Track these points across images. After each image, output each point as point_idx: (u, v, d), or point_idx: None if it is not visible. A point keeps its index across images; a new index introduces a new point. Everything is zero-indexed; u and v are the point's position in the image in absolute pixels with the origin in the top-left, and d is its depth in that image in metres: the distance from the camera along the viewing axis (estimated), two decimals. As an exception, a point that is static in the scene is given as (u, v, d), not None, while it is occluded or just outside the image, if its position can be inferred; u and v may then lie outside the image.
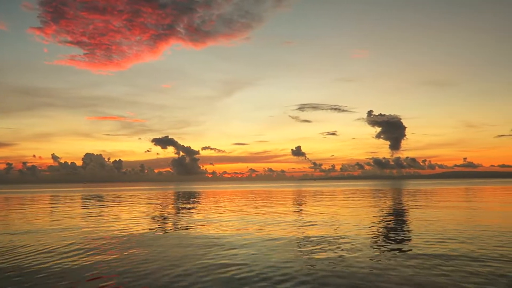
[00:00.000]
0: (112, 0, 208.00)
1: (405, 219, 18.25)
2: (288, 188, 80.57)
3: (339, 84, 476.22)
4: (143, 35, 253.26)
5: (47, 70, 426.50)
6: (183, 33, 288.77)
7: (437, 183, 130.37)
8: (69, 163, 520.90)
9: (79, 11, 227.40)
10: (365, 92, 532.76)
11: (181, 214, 22.58)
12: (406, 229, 14.55)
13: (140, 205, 31.52)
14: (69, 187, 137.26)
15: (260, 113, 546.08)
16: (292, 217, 19.63)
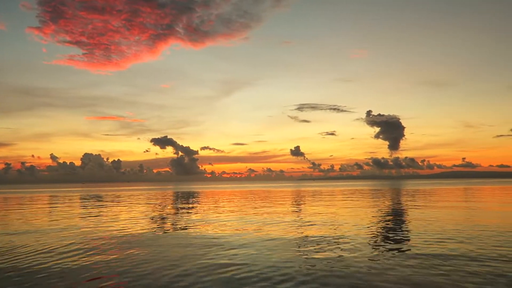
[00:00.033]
0: (111, 0, 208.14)
1: (404, 219, 18.29)
2: (287, 188, 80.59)
3: (338, 84, 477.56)
4: (142, 35, 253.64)
5: (46, 70, 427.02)
6: (182, 33, 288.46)
7: (435, 183, 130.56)
8: (68, 163, 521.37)
9: (78, 11, 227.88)
10: (364, 92, 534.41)
11: (180, 214, 22.59)
12: (405, 229, 14.59)
13: (139, 205, 31.51)
14: (67, 187, 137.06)
15: (259, 113, 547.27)
16: (291, 217, 19.66)
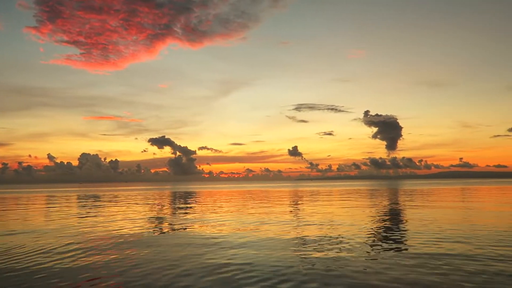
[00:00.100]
0: (108, 0, 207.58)
1: (401, 219, 18.36)
2: (285, 188, 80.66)
3: (336, 84, 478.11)
4: (139, 34, 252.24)
5: (43, 70, 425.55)
6: (179, 33, 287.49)
7: (433, 183, 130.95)
8: (65, 163, 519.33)
9: (76, 11, 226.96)
10: (361, 92, 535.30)
11: (178, 214, 22.59)
12: (403, 229, 14.65)
13: (137, 205, 31.49)
14: (65, 187, 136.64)
15: (256, 113, 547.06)
16: (289, 217, 19.70)
